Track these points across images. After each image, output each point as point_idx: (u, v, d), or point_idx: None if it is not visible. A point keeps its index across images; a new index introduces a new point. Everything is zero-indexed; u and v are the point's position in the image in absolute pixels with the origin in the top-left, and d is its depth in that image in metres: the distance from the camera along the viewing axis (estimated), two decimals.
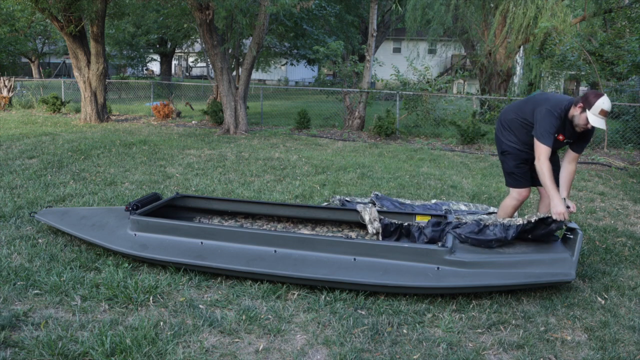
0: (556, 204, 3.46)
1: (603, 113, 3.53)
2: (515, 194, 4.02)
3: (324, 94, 15.98)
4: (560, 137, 3.72)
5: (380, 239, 4.07)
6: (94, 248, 4.07)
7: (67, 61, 30.72)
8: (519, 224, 3.52)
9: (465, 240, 3.59)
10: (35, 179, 6.32)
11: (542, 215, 3.48)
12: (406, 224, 4.14)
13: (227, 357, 2.71)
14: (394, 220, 4.16)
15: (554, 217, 3.43)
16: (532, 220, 3.51)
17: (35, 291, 3.34)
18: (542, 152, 3.59)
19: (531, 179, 3.98)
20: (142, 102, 18.45)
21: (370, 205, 4.32)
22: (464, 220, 3.76)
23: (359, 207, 4.19)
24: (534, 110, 3.71)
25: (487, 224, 3.62)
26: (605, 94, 3.56)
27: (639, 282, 3.74)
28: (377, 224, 4.06)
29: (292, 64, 22.99)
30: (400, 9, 15.67)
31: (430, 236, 3.88)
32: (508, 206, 4.07)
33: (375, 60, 14.55)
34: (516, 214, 5.07)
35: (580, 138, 3.77)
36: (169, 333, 2.87)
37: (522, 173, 3.97)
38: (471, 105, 13.28)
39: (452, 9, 14.90)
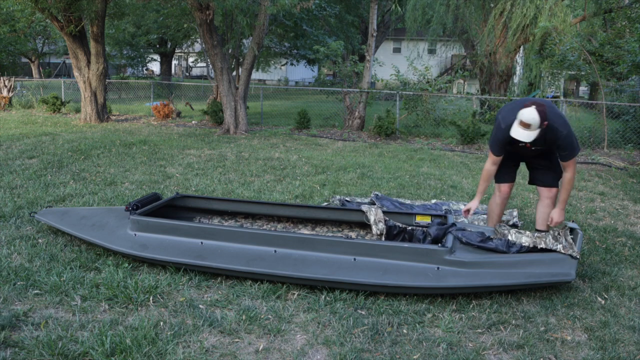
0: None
1: (521, 124, 3.56)
2: (496, 189, 4.18)
3: (324, 94, 15.98)
4: (521, 144, 3.78)
5: (383, 240, 4.07)
6: (94, 248, 4.07)
7: (67, 61, 30.73)
8: (524, 245, 3.51)
9: (466, 243, 3.58)
10: (35, 179, 6.32)
11: (550, 246, 3.45)
12: (410, 227, 4.13)
13: (227, 357, 2.71)
14: (398, 224, 4.16)
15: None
16: (538, 247, 3.48)
17: (35, 291, 3.34)
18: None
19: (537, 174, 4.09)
20: (142, 102, 18.45)
21: (376, 206, 4.32)
22: (469, 229, 3.75)
23: (365, 208, 4.18)
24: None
25: (491, 237, 3.60)
26: (534, 106, 3.53)
27: (639, 282, 3.74)
28: (381, 225, 4.06)
29: (292, 64, 22.99)
30: (399, 9, 15.67)
31: (435, 234, 3.87)
32: (492, 204, 4.21)
33: (375, 60, 14.55)
34: (516, 216, 5.07)
35: (553, 146, 3.77)
36: (169, 333, 2.87)
37: (505, 171, 4.07)
38: (471, 105, 13.28)
39: (452, 9, 14.90)
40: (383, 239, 4.06)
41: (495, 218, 4.20)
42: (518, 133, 3.58)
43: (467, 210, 3.99)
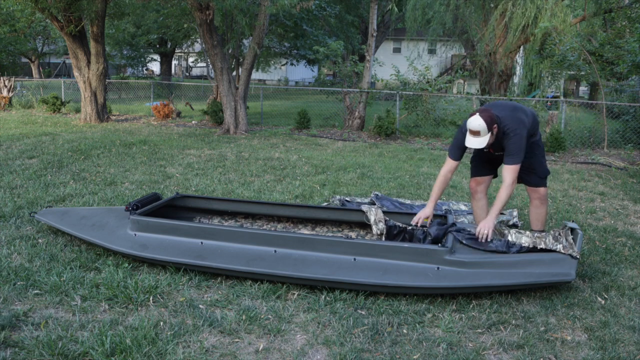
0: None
1: (471, 133, 3.66)
2: None
3: (324, 94, 15.97)
4: (485, 150, 3.89)
5: (384, 240, 4.07)
6: (94, 248, 4.07)
7: (67, 61, 30.73)
8: (524, 246, 3.50)
9: (466, 245, 3.58)
10: (35, 179, 6.31)
11: (550, 246, 3.46)
12: (410, 227, 4.13)
13: (227, 357, 2.71)
14: (398, 224, 4.15)
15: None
16: (538, 247, 3.48)
17: (35, 291, 3.34)
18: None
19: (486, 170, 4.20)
20: (142, 102, 18.45)
21: (376, 206, 4.32)
22: (468, 229, 3.75)
23: (365, 208, 4.18)
24: None
25: (491, 238, 3.60)
26: (478, 114, 3.61)
27: (639, 282, 3.74)
28: (381, 225, 4.06)
29: (292, 64, 22.99)
30: (397, 10, 15.65)
31: (435, 234, 3.85)
32: (472, 203, 4.29)
33: (375, 60, 14.55)
34: (516, 216, 5.06)
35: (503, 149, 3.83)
36: (169, 333, 2.87)
37: (474, 164, 4.21)
38: (471, 105, 13.27)
39: (452, 8, 14.89)
40: (383, 238, 4.06)
41: (478, 219, 4.22)
42: (471, 142, 3.68)
43: (418, 220, 3.90)
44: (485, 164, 4.16)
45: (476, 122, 3.60)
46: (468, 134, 3.68)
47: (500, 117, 3.69)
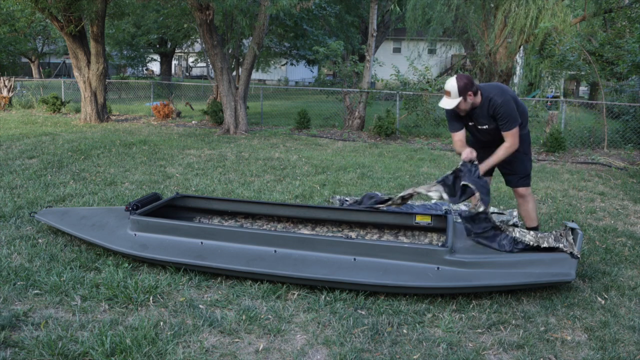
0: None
1: (445, 93, 3.76)
2: None
3: (324, 94, 15.98)
4: (470, 123, 3.94)
5: (446, 196, 3.77)
6: (94, 248, 4.07)
7: (67, 61, 30.73)
8: (528, 244, 3.48)
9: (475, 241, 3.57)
10: (35, 179, 6.32)
11: (553, 244, 3.46)
12: (460, 165, 3.78)
13: (227, 357, 2.71)
14: (447, 173, 3.86)
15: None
16: (542, 246, 3.47)
17: (35, 291, 3.34)
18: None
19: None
20: (142, 102, 18.45)
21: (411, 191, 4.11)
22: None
23: (410, 190, 4.00)
24: None
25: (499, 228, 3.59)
26: (455, 76, 3.72)
27: (639, 282, 3.74)
28: (435, 189, 3.83)
29: (292, 64, 22.99)
30: (398, 10, 15.65)
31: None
32: None
33: (375, 60, 14.55)
34: (516, 216, 5.07)
35: (494, 119, 3.82)
36: (169, 333, 2.87)
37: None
38: None
39: (452, 8, 14.88)
40: (446, 195, 3.76)
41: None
42: (442, 102, 3.78)
43: (470, 155, 3.78)
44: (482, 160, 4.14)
45: (450, 82, 3.70)
46: (444, 94, 3.78)
47: (485, 87, 3.78)
